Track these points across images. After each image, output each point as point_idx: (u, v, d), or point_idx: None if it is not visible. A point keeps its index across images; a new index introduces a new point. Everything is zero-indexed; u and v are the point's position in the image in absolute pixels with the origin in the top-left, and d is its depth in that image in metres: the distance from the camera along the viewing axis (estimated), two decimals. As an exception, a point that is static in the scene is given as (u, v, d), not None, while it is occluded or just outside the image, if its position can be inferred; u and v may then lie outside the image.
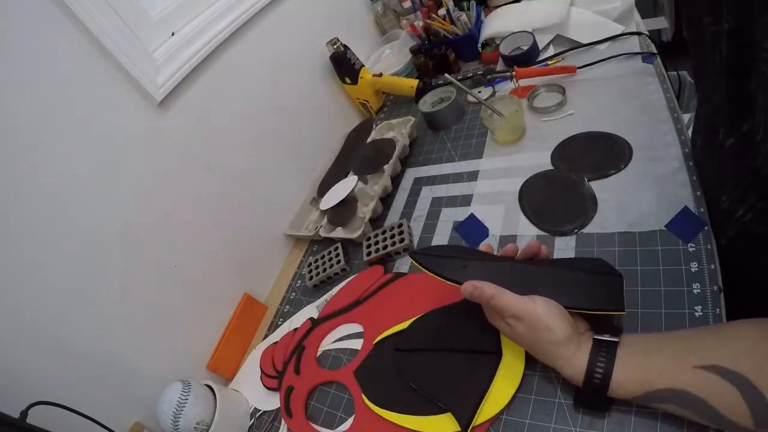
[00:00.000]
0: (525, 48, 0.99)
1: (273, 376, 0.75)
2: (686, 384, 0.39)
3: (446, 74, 0.91)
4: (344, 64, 1.12)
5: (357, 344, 0.72)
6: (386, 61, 1.26)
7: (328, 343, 0.76)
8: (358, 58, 1.13)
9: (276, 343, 0.80)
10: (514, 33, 1.03)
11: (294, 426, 0.67)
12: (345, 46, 1.10)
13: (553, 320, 0.46)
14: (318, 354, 0.75)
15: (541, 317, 0.46)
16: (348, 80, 1.14)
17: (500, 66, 1.05)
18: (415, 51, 1.19)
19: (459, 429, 0.52)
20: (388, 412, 0.59)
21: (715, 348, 0.39)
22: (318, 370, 0.72)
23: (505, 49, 1.02)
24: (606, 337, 0.45)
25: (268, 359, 0.78)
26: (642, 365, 0.42)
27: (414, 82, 1.08)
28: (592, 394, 0.44)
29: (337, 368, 0.71)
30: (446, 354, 0.59)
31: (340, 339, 0.75)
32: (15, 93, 0.60)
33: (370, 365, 0.67)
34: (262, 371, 0.77)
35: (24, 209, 0.60)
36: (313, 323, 0.79)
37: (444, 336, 0.62)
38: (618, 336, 0.45)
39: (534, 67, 0.96)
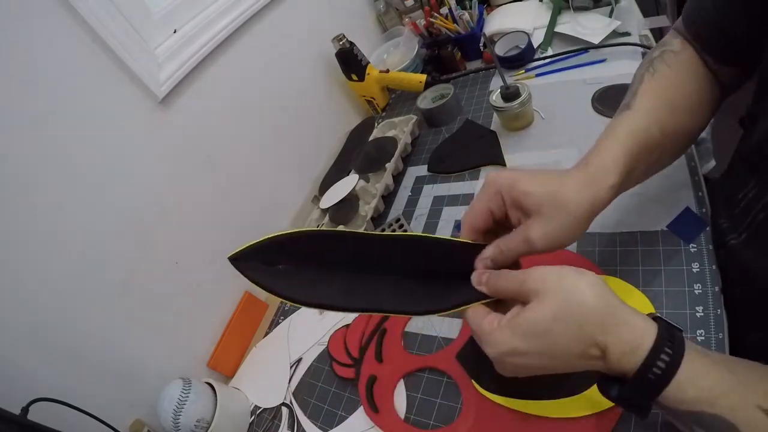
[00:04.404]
0: (522, 47, 0.98)
1: (348, 365, 0.68)
2: (741, 420, 0.32)
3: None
4: (351, 61, 1.11)
5: (451, 324, 0.65)
6: (391, 58, 1.25)
7: (413, 325, 0.69)
8: (364, 55, 1.13)
9: (347, 326, 0.73)
10: (508, 33, 1.03)
11: (383, 423, 0.59)
12: (351, 43, 1.09)
13: (585, 289, 0.36)
14: (403, 337, 0.68)
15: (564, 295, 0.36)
16: (354, 77, 1.14)
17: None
18: (428, 45, 1.19)
19: (593, 410, 0.47)
20: (507, 398, 0.52)
21: None
22: (406, 355, 0.64)
23: (500, 49, 1.02)
24: (671, 321, 0.36)
25: (339, 344, 0.71)
26: (710, 375, 0.33)
27: (422, 77, 1.08)
28: (640, 391, 0.34)
29: (430, 353, 0.63)
30: None
31: (430, 319, 0.68)
32: (16, 90, 0.60)
33: (477, 347, 0.61)
34: (333, 359, 0.70)
35: (26, 206, 0.61)
36: None
37: None
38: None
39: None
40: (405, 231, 0.79)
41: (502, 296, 0.41)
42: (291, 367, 0.76)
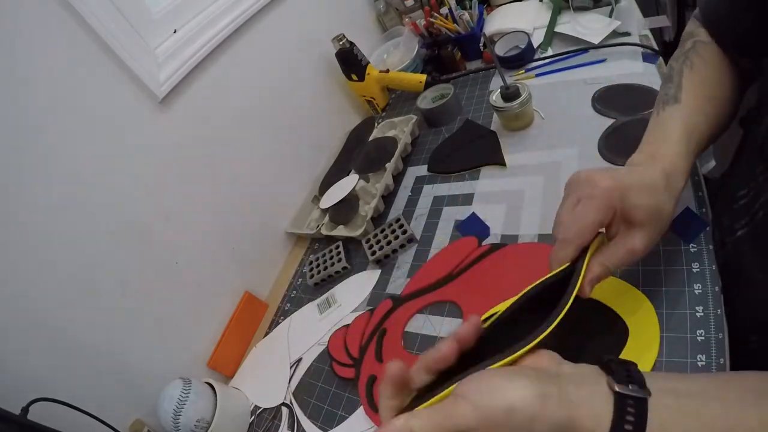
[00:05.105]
0: (522, 47, 0.98)
1: (347, 365, 0.68)
2: None
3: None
4: (351, 61, 1.11)
5: (451, 324, 0.64)
6: (391, 58, 1.26)
7: (413, 325, 0.68)
8: (364, 55, 1.13)
9: (347, 326, 0.74)
10: (508, 33, 1.03)
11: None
12: (351, 43, 1.09)
13: (507, 392, 0.30)
14: (403, 337, 0.68)
15: (486, 405, 0.30)
16: (354, 77, 1.14)
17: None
18: (428, 45, 1.19)
19: None
20: None
21: None
22: (406, 355, 0.64)
23: (500, 49, 1.02)
24: (632, 392, 0.31)
25: (339, 344, 0.71)
26: None
27: (422, 77, 1.08)
28: None
29: None
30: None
31: (429, 319, 0.68)
32: (16, 91, 0.60)
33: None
34: (333, 359, 0.70)
35: (26, 206, 0.61)
36: (395, 302, 0.71)
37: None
38: (644, 386, 0.32)
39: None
40: (405, 231, 0.79)
41: None
42: (291, 367, 0.76)
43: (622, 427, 0.30)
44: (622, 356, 0.49)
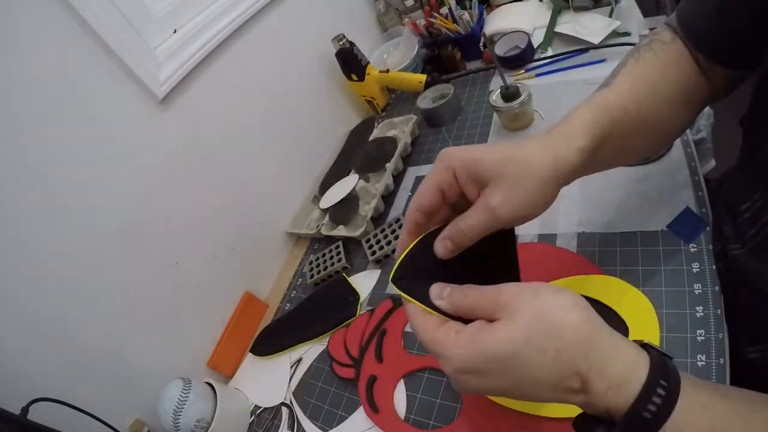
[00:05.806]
0: (522, 47, 0.98)
1: (348, 365, 0.68)
2: None
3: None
4: (351, 61, 1.11)
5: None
6: (391, 58, 1.26)
7: None
8: (364, 55, 1.13)
9: (348, 326, 0.74)
10: (508, 33, 1.03)
11: (383, 423, 0.59)
12: (351, 43, 1.09)
13: (570, 309, 0.31)
14: (403, 337, 0.68)
15: (540, 310, 0.31)
16: (354, 77, 1.14)
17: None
18: (428, 45, 1.19)
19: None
20: (507, 398, 0.52)
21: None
22: (406, 355, 0.64)
23: (500, 49, 1.02)
24: (661, 349, 0.31)
25: (339, 344, 0.71)
26: (707, 410, 0.29)
27: (422, 77, 1.08)
28: None
29: (430, 353, 0.65)
30: None
31: None
32: (16, 90, 0.60)
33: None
34: (333, 359, 0.71)
35: (25, 206, 0.61)
36: (395, 303, 0.71)
37: None
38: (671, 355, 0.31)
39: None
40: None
41: (465, 315, 0.34)
42: (291, 367, 0.76)
43: (656, 385, 0.28)
44: None
